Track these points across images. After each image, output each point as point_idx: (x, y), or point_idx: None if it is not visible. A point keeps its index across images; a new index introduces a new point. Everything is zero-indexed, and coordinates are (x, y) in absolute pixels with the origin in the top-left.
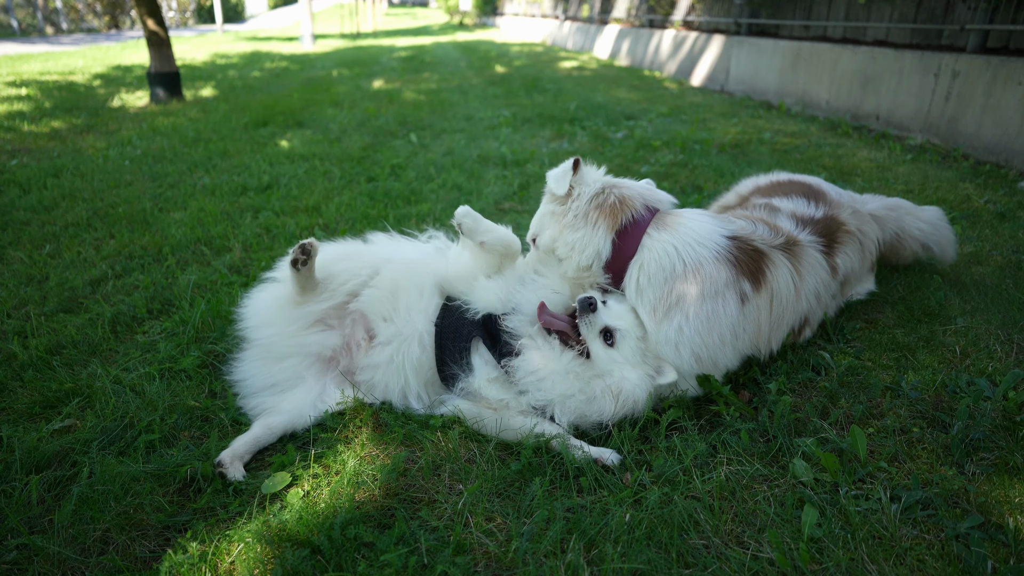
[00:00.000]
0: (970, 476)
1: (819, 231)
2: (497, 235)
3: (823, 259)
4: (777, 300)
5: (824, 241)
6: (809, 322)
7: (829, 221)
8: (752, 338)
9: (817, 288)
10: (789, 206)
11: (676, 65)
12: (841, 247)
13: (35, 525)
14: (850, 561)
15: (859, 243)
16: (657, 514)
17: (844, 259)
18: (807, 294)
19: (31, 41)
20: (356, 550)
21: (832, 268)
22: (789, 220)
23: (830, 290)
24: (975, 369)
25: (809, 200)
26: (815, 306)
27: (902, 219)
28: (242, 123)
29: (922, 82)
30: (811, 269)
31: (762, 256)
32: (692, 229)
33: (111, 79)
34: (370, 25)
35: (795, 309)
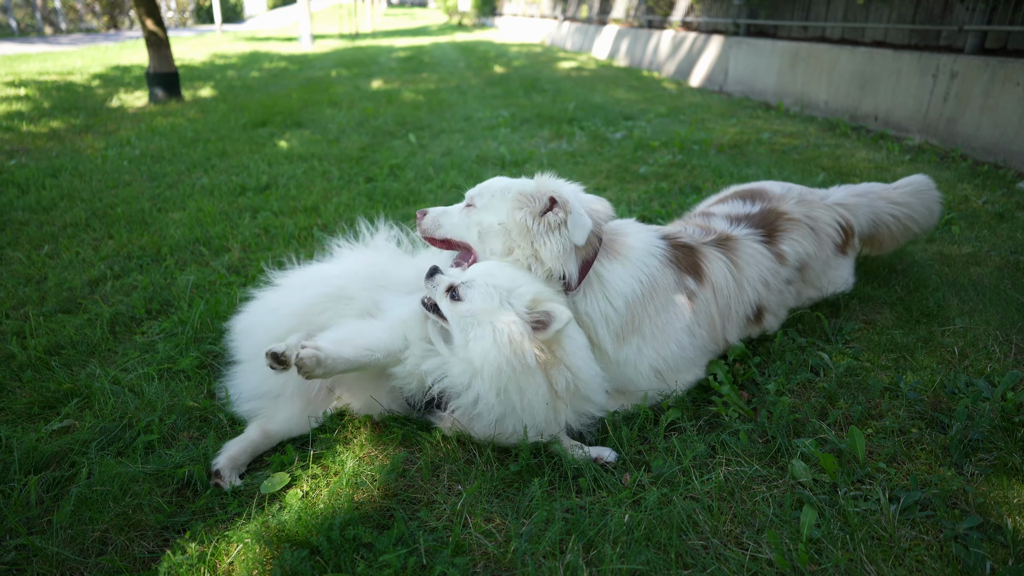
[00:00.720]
0: (969, 477)
1: (755, 223)
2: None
3: (764, 248)
4: (720, 292)
5: (763, 231)
6: (768, 309)
7: (767, 213)
8: (709, 332)
9: (763, 276)
10: (724, 209)
11: (675, 65)
12: (784, 234)
13: (34, 526)
14: (849, 562)
15: (809, 228)
16: (656, 515)
17: (792, 245)
18: (752, 283)
19: (29, 41)
20: (355, 551)
21: (778, 255)
22: (722, 221)
23: (780, 276)
24: (973, 370)
25: (746, 201)
26: (765, 294)
27: (874, 204)
28: (241, 123)
29: (920, 83)
30: (750, 259)
31: (694, 251)
32: (636, 247)
33: (110, 79)
34: (369, 25)
35: (741, 299)
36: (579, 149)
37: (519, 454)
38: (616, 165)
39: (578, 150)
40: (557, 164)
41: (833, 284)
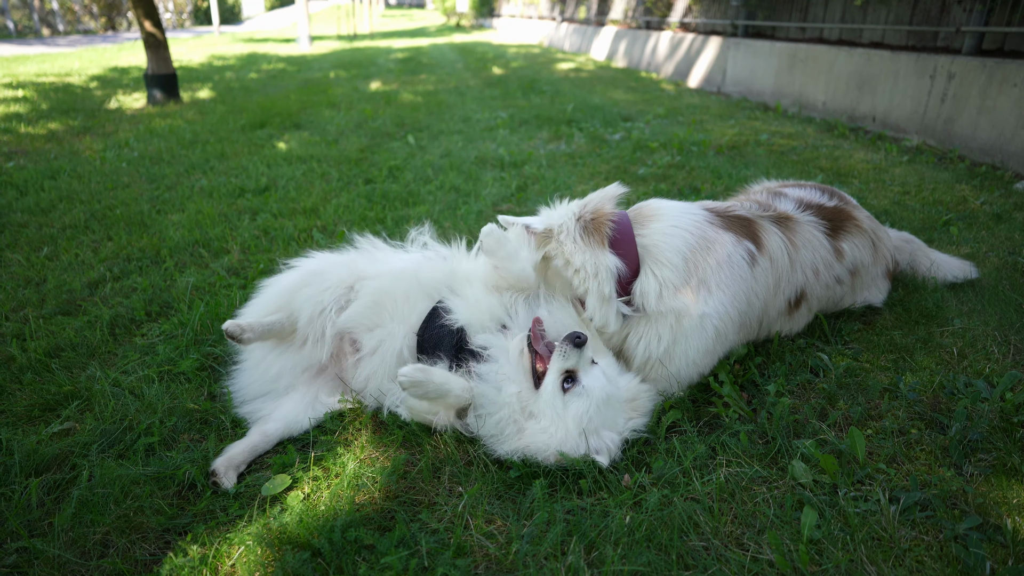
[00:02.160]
0: (968, 477)
1: (824, 215)
2: (514, 269)
3: (824, 239)
4: (776, 264)
5: (829, 224)
6: (809, 299)
7: (839, 211)
8: (763, 304)
9: (815, 263)
10: (798, 193)
11: (673, 66)
12: (848, 235)
13: (35, 528)
14: (849, 562)
15: (871, 241)
16: (657, 516)
17: (852, 248)
18: (803, 266)
19: (27, 43)
20: (357, 552)
21: (836, 250)
22: (791, 203)
23: (832, 270)
24: (972, 370)
25: (824, 193)
26: (813, 281)
27: (915, 253)
28: (239, 125)
29: (918, 84)
30: (807, 243)
31: (750, 222)
32: (672, 209)
33: (108, 81)
34: (367, 26)
35: (791, 279)
36: (578, 150)
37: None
38: (615, 166)
39: (577, 151)
40: (556, 165)
41: (867, 302)
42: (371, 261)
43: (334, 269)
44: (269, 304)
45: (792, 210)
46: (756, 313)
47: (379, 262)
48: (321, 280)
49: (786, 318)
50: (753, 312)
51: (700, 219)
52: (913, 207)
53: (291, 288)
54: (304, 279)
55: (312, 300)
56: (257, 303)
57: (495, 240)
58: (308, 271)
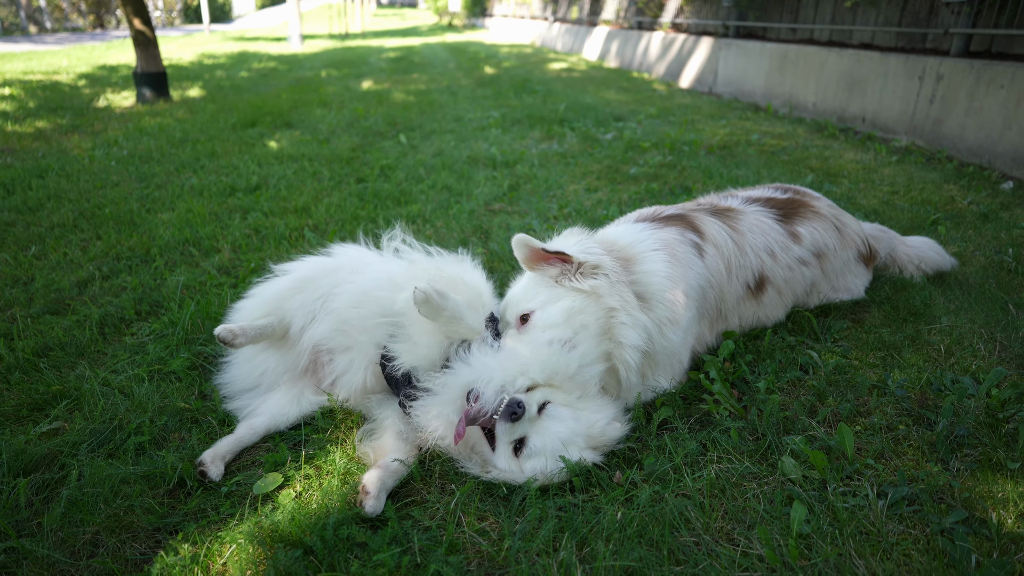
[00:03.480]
0: (954, 472)
1: (775, 205)
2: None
3: (775, 223)
4: (720, 249)
5: (779, 212)
6: (772, 281)
7: (792, 201)
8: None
9: (768, 245)
10: (748, 192)
11: (665, 67)
12: (804, 220)
13: (24, 528)
14: (838, 556)
15: (833, 225)
16: (648, 512)
17: (810, 231)
18: (754, 248)
19: (14, 40)
20: (349, 550)
21: (791, 233)
22: (737, 200)
23: (791, 253)
24: (959, 367)
25: (778, 190)
26: (771, 263)
27: (892, 242)
28: (230, 123)
29: (907, 85)
30: (754, 227)
31: (684, 217)
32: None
33: (96, 79)
34: (358, 26)
35: (742, 262)
36: (570, 150)
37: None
38: (607, 166)
39: (569, 151)
40: (548, 165)
41: (849, 291)
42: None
43: (326, 277)
44: (260, 308)
45: (737, 204)
46: (712, 302)
47: (357, 273)
48: (313, 288)
49: (752, 303)
50: (709, 301)
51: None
52: (902, 207)
53: (283, 295)
54: (296, 286)
55: (304, 308)
56: (248, 306)
57: (432, 309)
58: (300, 277)
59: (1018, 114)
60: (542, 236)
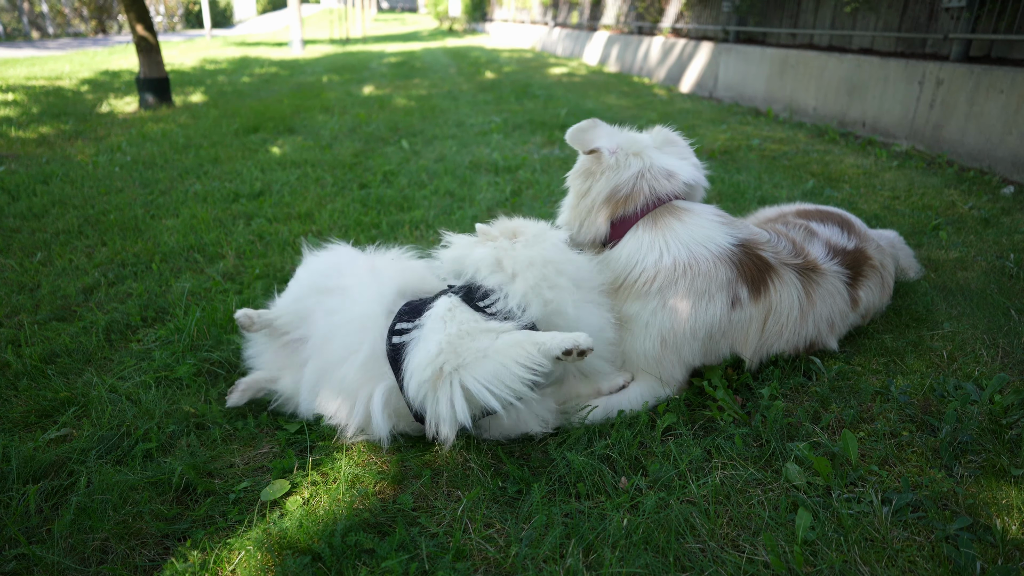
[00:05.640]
0: (959, 478)
1: (847, 263)
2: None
3: (845, 290)
4: (775, 316)
5: (850, 273)
6: (815, 347)
7: (858, 254)
8: (731, 343)
9: (831, 317)
10: (825, 233)
11: (665, 72)
12: (865, 280)
13: (34, 535)
14: (843, 563)
15: (881, 278)
16: (654, 518)
17: (867, 293)
18: (817, 319)
19: (16, 45)
20: (357, 557)
21: (853, 300)
22: (822, 247)
23: (847, 321)
24: (962, 373)
25: (843, 230)
26: (826, 333)
27: (896, 255)
28: (232, 129)
29: (907, 90)
30: (826, 296)
31: (769, 268)
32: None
33: (99, 84)
34: (359, 30)
35: (798, 331)
36: (572, 155)
37: (509, 470)
38: None
39: (571, 156)
40: (550, 170)
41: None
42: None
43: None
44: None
45: (821, 258)
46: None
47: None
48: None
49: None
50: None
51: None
52: (903, 212)
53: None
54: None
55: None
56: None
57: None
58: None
59: (1018, 119)
60: None
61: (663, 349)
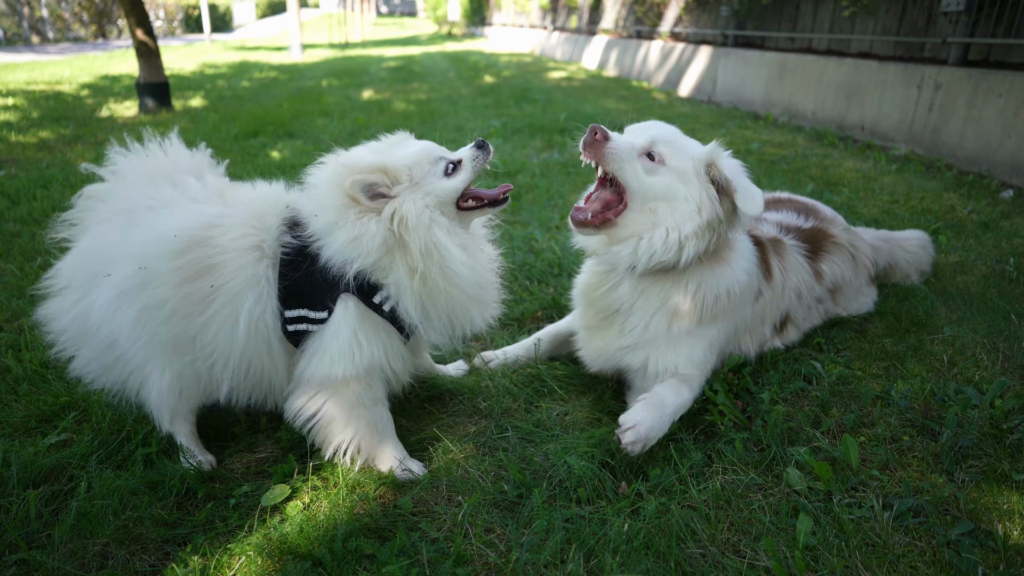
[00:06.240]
0: (960, 483)
1: (804, 238)
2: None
3: (805, 262)
4: (775, 293)
5: (808, 247)
6: (794, 320)
7: (816, 232)
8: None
9: (799, 287)
10: (776, 217)
11: (664, 76)
12: (827, 255)
13: (34, 540)
14: (844, 568)
15: (850, 255)
16: (655, 523)
17: (831, 267)
18: (788, 291)
19: (16, 50)
20: (357, 562)
21: (816, 272)
22: (772, 227)
23: (813, 292)
24: (962, 378)
25: (800, 214)
26: (796, 304)
27: (893, 251)
28: (232, 133)
29: (905, 94)
30: (793, 268)
31: (765, 249)
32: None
33: (99, 89)
34: (358, 35)
35: (779, 304)
36: (571, 159)
37: (510, 473)
38: None
39: (570, 160)
40: (549, 174)
41: (858, 311)
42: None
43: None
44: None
45: (777, 232)
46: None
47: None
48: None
49: (776, 338)
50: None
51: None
52: (902, 216)
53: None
54: None
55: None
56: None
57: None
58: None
59: (1016, 122)
60: (545, 246)
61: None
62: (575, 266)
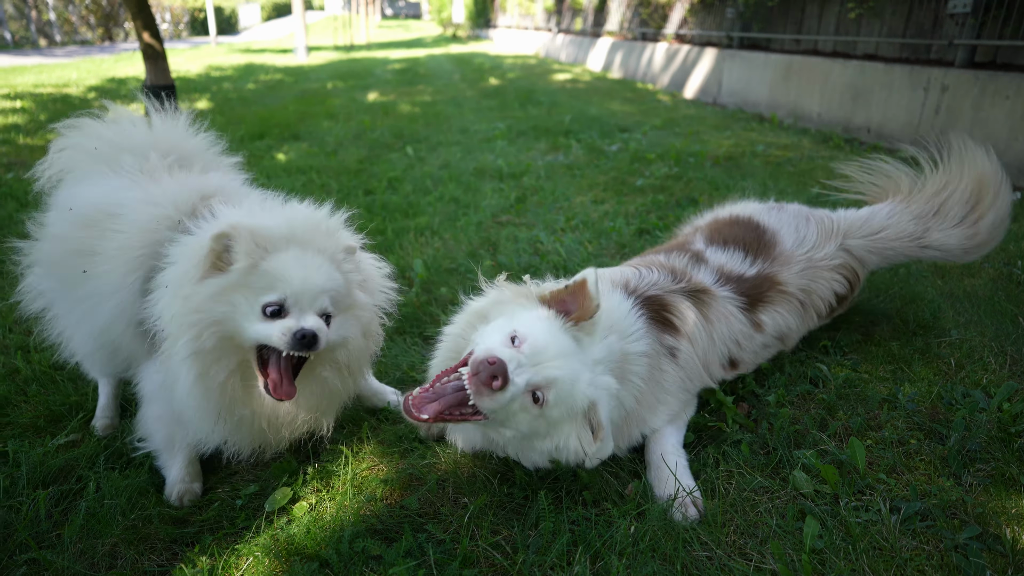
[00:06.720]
0: (967, 487)
1: (743, 290)
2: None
3: (740, 314)
4: (696, 343)
5: (746, 300)
6: (742, 362)
7: (760, 281)
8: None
9: (735, 337)
10: (720, 259)
11: (669, 77)
12: (768, 306)
13: (44, 539)
14: (851, 571)
15: (798, 303)
16: (660, 526)
17: (773, 316)
18: (722, 339)
19: (24, 53)
20: (364, 563)
21: (755, 323)
22: (710, 274)
23: (755, 341)
24: (970, 381)
25: (747, 256)
26: (738, 351)
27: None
28: (238, 136)
29: (912, 96)
30: (722, 317)
31: (663, 304)
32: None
33: (106, 91)
34: (363, 37)
35: (715, 350)
36: (576, 161)
37: (517, 474)
38: (613, 177)
39: (575, 162)
40: (554, 177)
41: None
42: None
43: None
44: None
45: (710, 282)
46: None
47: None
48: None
49: (730, 371)
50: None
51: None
52: None
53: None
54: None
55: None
56: None
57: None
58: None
59: None
60: (550, 248)
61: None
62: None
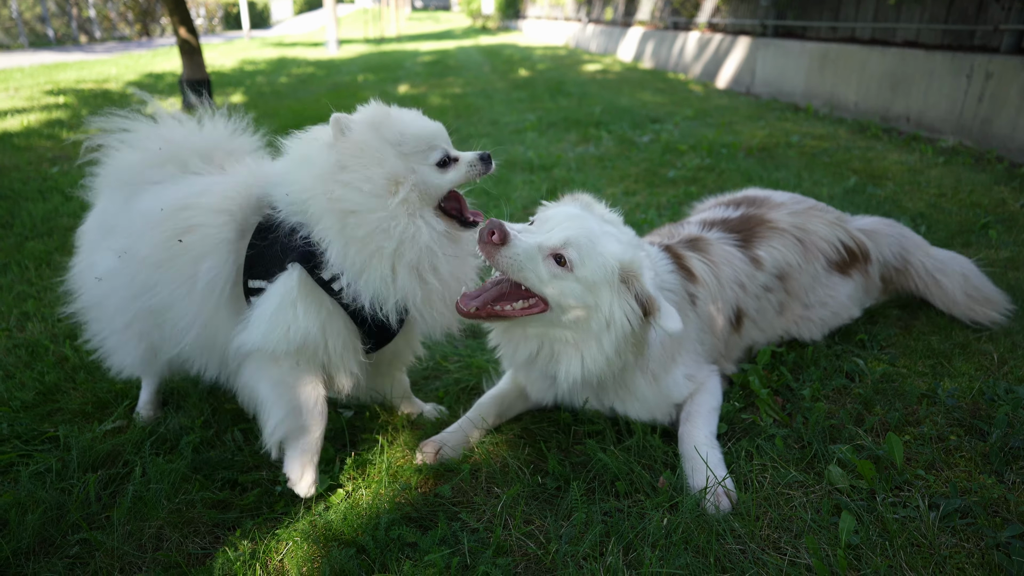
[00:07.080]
0: (1010, 485)
1: (730, 228)
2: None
3: (737, 251)
4: (709, 288)
5: (738, 236)
6: (747, 314)
7: (747, 219)
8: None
9: (738, 278)
10: (700, 216)
11: (701, 67)
12: (763, 240)
13: (94, 521)
14: (888, 568)
15: (794, 239)
16: (693, 518)
17: (769, 251)
18: (728, 283)
19: (66, 50)
20: (400, 550)
21: (753, 259)
22: (696, 226)
23: (756, 281)
24: (1013, 376)
25: (729, 207)
26: (743, 296)
27: (903, 241)
28: (272, 129)
29: (954, 83)
30: (723, 260)
31: (678, 255)
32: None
33: (144, 86)
34: (394, 29)
35: (724, 297)
36: (606, 153)
37: (550, 465)
38: (644, 169)
39: (606, 154)
40: (585, 168)
41: (826, 305)
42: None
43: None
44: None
45: (699, 231)
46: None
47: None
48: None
49: (735, 336)
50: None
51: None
52: (950, 210)
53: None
54: None
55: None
56: None
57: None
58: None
59: None
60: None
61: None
62: None
